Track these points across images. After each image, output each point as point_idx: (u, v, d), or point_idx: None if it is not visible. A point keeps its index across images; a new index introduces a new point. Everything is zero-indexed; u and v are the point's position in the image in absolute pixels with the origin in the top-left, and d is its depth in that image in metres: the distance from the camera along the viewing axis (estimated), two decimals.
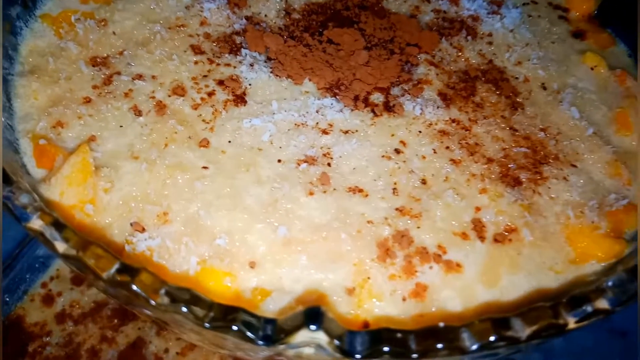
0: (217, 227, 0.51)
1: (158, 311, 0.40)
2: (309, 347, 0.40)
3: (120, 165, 0.54)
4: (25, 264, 0.78)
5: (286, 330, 0.39)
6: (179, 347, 0.76)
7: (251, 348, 0.43)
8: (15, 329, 0.76)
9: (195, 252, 0.49)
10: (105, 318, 0.77)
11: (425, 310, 0.48)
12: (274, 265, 0.49)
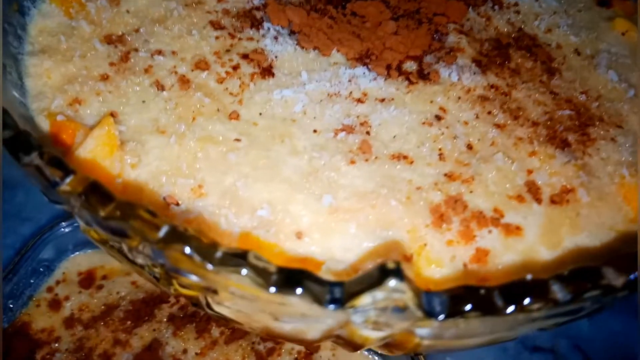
0: (257, 198, 0.46)
1: (212, 276, 0.35)
2: (380, 312, 0.35)
3: (146, 139, 0.49)
4: (29, 268, 0.72)
5: (357, 291, 0.34)
6: (198, 347, 0.70)
7: (311, 318, 0.38)
8: (21, 336, 0.69)
9: (236, 224, 0.44)
10: (118, 321, 0.71)
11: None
12: (322, 235, 0.44)
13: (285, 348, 0.72)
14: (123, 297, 0.74)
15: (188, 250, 0.33)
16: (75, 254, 0.77)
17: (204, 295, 0.38)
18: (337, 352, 0.72)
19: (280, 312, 0.37)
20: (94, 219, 0.34)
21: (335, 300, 0.33)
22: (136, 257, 0.38)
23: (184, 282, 0.37)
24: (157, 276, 0.39)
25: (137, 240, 0.35)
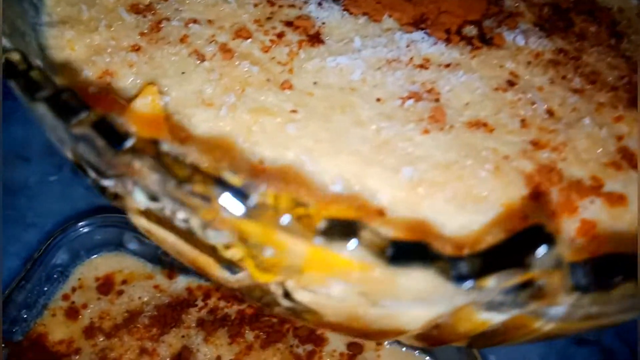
0: (327, 173, 0.39)
1: (311, 251, 0.28)
2: (515, 289, 0.28)
3: (192, 113, 0.42)
4: (43, 274, 0.64)
5: (497, 263, 0.27)
6: (232, 353, 0.63)
7: (421, 300, 0.31)
8: (37, 349, 0.61)
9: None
10: (143, 328, 0.63)
11: None
12: (407, 210, 0.37)
13: (326, 350, 0.65)
14: (146, 303, 0.67)
15: (287, 220, 0.26)
16: (91, 258, 0.70)
17: (288, 278, 0.31)
18: (381, 353, 0.65)
19: (384, 294, 0.30)
20: (173, 182, 0.27)
21: (468, 276, 0.26)
22: (208, 235, 0.31)
23: (266, 262, 0.30)
24: (231, 259, 0.32)
25: (215, 212, 0.27)
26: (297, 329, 0.67)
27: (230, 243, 0.31)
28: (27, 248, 0.77)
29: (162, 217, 0.32)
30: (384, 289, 0.30)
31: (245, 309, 0.68)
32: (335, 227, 0.27)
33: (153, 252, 0.69)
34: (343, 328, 0.38)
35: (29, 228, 0.80)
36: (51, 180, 0.87)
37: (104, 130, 0.28)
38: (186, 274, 0.70)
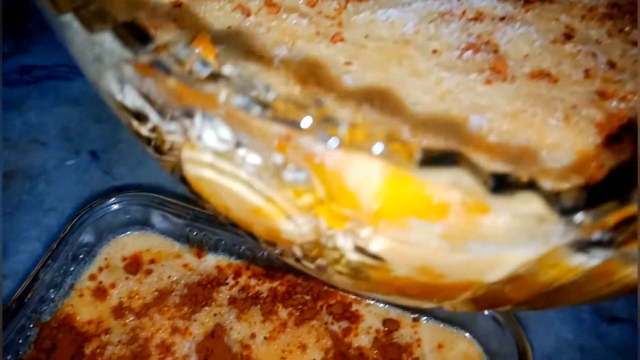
0: None
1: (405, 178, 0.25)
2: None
3: (246, 65, 0.39)
4: (70, 253, 0.61)
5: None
6: (266, 331, 0.60)
7: (514, 242, 0.28)
8: (66, 329, 0.58)
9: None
10: (173, 307, 0.60)
11: None
12: (481, 160, 0.35)
13: (361, 327, 0.62)
14: (176, 282, 0.64)
15: (380, 148, 0.23)
16: (117, 238, 0.66)
17: (364, 224, 0.28)
18: (418, 329, 0.62)
19: (472, 235, 0.27)
20: (258, 108, 0.24)
21: (574, 208, 0.24)
22: (285, 176, 0.28)
23: (344, 202, 0.27)
24: (302, 206, 0.29)
25: (298, 146, 0.24)
26: (331, 305, 0.64)
27: (306, 186, 0.28)
28: (48, 232, 0.75)
29: (230, 162, 0.29)
30: (474, 229, 0.27)
31: (277, 287, 0.65)
32: (433, 156, 0.24)
33: (180, 231, 0.66)
34: (407, 286, 0.35)
35: (49, 212, 0.77)
36: (68, 164, 0.84)
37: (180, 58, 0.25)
38: (215, 252, 0.67)
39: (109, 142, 0.87)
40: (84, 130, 0.88)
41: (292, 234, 0.34)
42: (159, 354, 0.59)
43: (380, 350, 0.61)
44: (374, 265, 0.34)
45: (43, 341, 0.58)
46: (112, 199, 0.65)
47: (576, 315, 0.73)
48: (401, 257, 0.31)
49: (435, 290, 0.35)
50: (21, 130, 0.87)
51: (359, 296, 0.64)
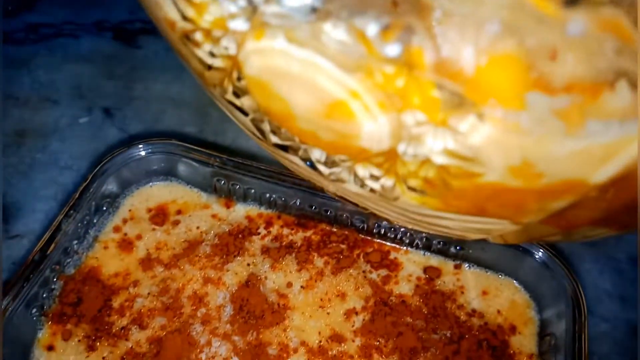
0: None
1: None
2: None
3: None
4: (92, 203, 0.56)
5: None
6: (302, 281, 0.56)
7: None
8: (91, 282, 0.54)
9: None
10: (204, 257, 0.56)
11: None
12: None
13: (401, 275, 0.58)
14: (206, 232, 0.59)
15: None
16: (140, 189, 0.62)
17: (477, 106, 0.24)
18: (461, 276, 0.58)
19: (596, 112, 0.23)
20: None
21: None
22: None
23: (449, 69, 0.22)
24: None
25: None
26: (368, 254, 0.60)
27: (403, 62, 0.23)
28: (64, 191, 0.70)
29: (311, 40, 0.24)
30: (600, 105, 0.22)
31: (311, 236, 0.61)
32: None
33: (207, 180, 0.62)
34: (490, 196, 0.30)
35: (64, 171, 0.72)
36: (82, 122, 0.79)
37: None
38: (244, 202, 0.62)
39: (123, 99, 0.82)
40: (96, 88, 0.83)
41: (369, 138, 0.29)
42: (191, 305, 0.54)
43: (422, 298, 0.57)
44: (462, 171, 0.29)
45: (68, 295, 0.54)
46: (134, 147, 0.60)
47: (614, 266, 0.69)
48: (501, 152, 0.27)
49: (522, 199, 0.31)
50: (30, 89, 0.83)
51: (408, 231, 0.60)
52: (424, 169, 0.30)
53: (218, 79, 0.34)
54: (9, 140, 0.76)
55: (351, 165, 0.35)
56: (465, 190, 0.31)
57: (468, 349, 0.54)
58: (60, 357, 0.51)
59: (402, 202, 0.37)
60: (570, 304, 0.53)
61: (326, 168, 0.36)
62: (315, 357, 0.53)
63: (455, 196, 0.32)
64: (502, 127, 0.25)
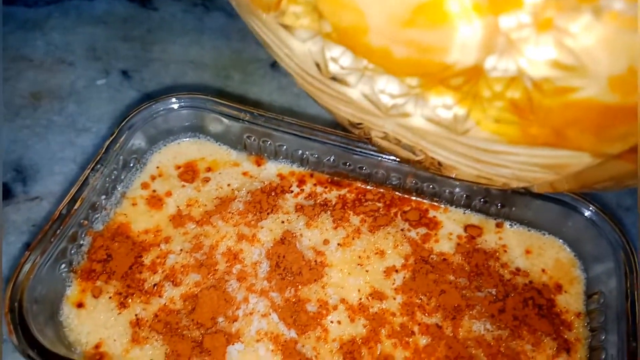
0: None
1: None
2: None
3: None
4: (120, 158, 0.54)
5: None
6: (339, 238, 0.54)
7: None
8: (120, 239, 0.52)
9: None
10: (237, 214, 0.54)
11: None
12: None
13: (441, 234, 0.56)
14: (237, 189, 0.57)
15: None
16: (168, 145, 0.60)
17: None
18: (503, 235, 0.56)
19: None
20: None
21: None
22: None
23: None
24: None
25: None
26: (406, 212, 0.58)
27: None
28: (83, 153, 0.68)
29: None
30: None
31: (346, 194, 0.59)
32: None
33: (237, 137, 0.60)
34: (578, 118, 0.28)
35: (82, 133, 0.70)
36: (99, 84, 0.76)
37: None
38: (275, 160, 0.60)
39: (141, 61, 0.79)
40: (112, 50, 0.81)
41: (458, 48, 0.27)
42: (226, 261, 0.52)
43: (464, 256, 0.55)
44: (556, 87, 0.27)
45: (97, 251, 0.52)
46: (162, 101, 0.58)
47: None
48: (610, 56, 0.25)
49: (610, 120, 0.29)
50: (45, 51, 0.80)
51: (447, 188, 0.58)
52: (512, 89, 0.28)
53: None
54: (24, 102, 0.74)
55: (421, 92, 0.32)
56: (551, 111, 0.29)
57: (514, 307, 0.52)
58: (91, 314, 0.49)
59: (471, 136, 0.35)
60: (620, 261, 0.51)
61: (390, 99, 0.34)
62: (356, 314, 0.51)
63: (537, 121, 0.30)
64: (617, 24, 0.23)
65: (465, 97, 0.31)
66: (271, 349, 0.48)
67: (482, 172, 0.40)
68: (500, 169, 0.40)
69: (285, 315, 0.50)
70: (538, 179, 0.40)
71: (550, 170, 0.37)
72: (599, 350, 0.49)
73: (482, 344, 0.49)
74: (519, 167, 0.38)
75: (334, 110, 0.42)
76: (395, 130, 0.39)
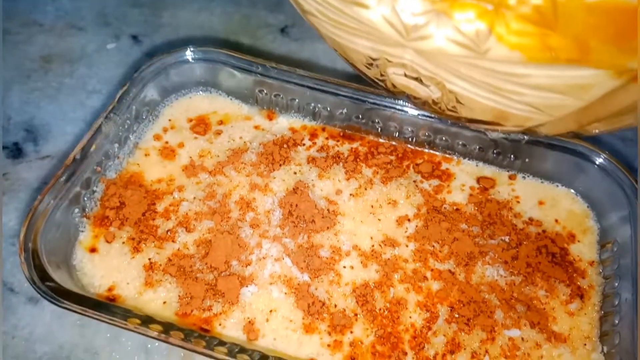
0: None
1: None
2: None
3: None
4: (132, 107, 0.54)
5: None
6: (351, 189, 0.54)
7: None
8: (134, 187, 0.52)
9: None
10: (250, 165, 0.54)
11: None
12: None
13: (454, 185, 0.57)
14: (250, 141, 0.57)
15: None
16: (180, 99, 0.60)
17: None
18: (516, 186, 0.56)
19: None
20: None
21: None
22: None
23: None
24: None
25: None
26: (418, 165, 0.58)
27: None
28: (94, 114, 0.68)
29: None
30: None
31: (358, 147, 0.59)
32: None
33: (249, 91, 0.60)
34: (611, 16, 0.28)
35: (92, 95, 0.70)
36: (109, 48, 0.77)
37: None
38: (287, 114, 0.60)
39: (150, 26, 0.79)
40: (122, 15, 0.81)
41: None
42: (239, 209, 0.52)
43: (477, 206, 0.55)
44: None
45: (110, 199, 0.52)
46: (175, 53, 0.58)
47: None
48: None
49: (635, 23, 0.29)
50: (55, 16, 0.80)
51: (461, 140, 0.57)
52: None
53: None
54: (35, 66, 0.74)
55: (444, 7, 0.32)
56: (574, 17, 0.29)
57: (527, 254, 0.52)
58: (104, 258, 0.49)
59: (491, 57, 0.34)
60: (634, 208, 0.51)
61: (411, 17, 0.34)
62: (368, 260, 0.51)
63: (559, 30, 0.30)
64: None
65: (486, 11, 0.30)
66: (284, 291, 0.48)
67: (500, 104, 0.40)
68: (517, 99, 0.39)
69: (299, 259, 0.50)
70: (554, 109, 0.39)
71: (570, 95, 0.37)
72: (612, 296, 0.49)
73: (495, 289, 0.49)
74: (536, 95, 0.38)
75: (351, 46, 0.42)
76: (414, 60, 0.39)
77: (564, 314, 0.49)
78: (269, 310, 0.47)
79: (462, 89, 0.40)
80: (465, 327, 0.47)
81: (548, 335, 0.47)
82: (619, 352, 0.45)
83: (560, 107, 0.38)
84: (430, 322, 0.48)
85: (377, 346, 0.46)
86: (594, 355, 0.46)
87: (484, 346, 0.47)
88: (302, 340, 0.46)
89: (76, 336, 0.49)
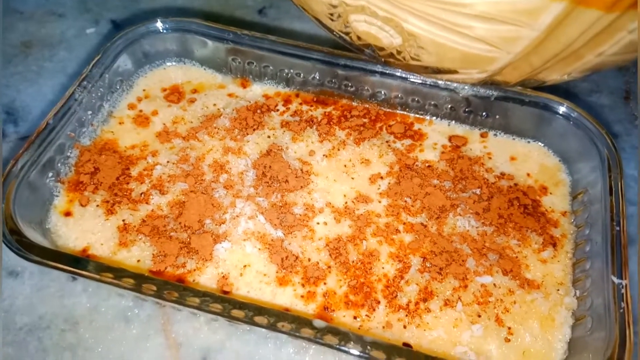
0: None
1: None
2: None
3: None
4: (106, 76, 0.55)
5: None
6: (325, 150, 0.54)
7: None
8: (108, 154, 0.52)
9: None
10: (223, 129, 0.55)
11: None
12: None
13: (426, 144, 0.57)
14: (223, 107, 0.57)
15: None
16: (154, 70, 0.60)
17: None
18: (488, 143, 0.57)
19: None
20: None
21: None
22: None
23: None
24: None
25: None
26: (391, 126, 0.59)
27: None
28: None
29: None
30: None
31: (331, 111, 0.59)
32: None
33: (223, 60, 0.60)
34: None
35: (73, 78, 0.71)
36: (89, 33, 0.77)
37: None
38: (260, 81, 0.60)
39: (129, 10, 0.80)
40: (102, 1, 0.81)
41: None
42: (213, 171, 0.53)
43: (449, 163, 0.55)
44: None
45: (84, 164, 0.52)
46: (147, 24, 0.58)
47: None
48: None
49: None
50: (35, 3, 0.81)
51: (433, 100, 0.57)
52: None
53: None
54: (16, 51, 0.74)
55: None
56: None
57: (498, 206, 0.52)
58: (78, 221, 0.49)
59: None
60: (603, 156, 0.51)
61: None
62: (342, 216, 0.51)
63: None
64: None
65: None
66: (258, 246, 0.48)
67: (457, 43, 0.40)
68: (471, 34, 0.39)
69: (272, 217, 0.50)
70: (509, 42, 0.39)
71: (519, 25, 0.37)
72: (584, 243, 0.49)
73: (467, 239, 0.49)
74: (487, 28, 0.38)
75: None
76: (370, 1, 0.39)
77: (537, 262, 0.49)
78: (243, 265, 0.47)
79: (419, 28, 0.40)
80: (438, 275, 0.47)
81: (521, 281, 0.47)
82: (590, 294, 0.45)
83: (515, 40, 0.39)
84: (402, 272, 0.47)
85: (350, 296, 0.46)
86: (567, 299, 0.46)
87: (456, 293, 0.46)
88: (276, 292, 0.46)
89: (56, 307, 0.49)
